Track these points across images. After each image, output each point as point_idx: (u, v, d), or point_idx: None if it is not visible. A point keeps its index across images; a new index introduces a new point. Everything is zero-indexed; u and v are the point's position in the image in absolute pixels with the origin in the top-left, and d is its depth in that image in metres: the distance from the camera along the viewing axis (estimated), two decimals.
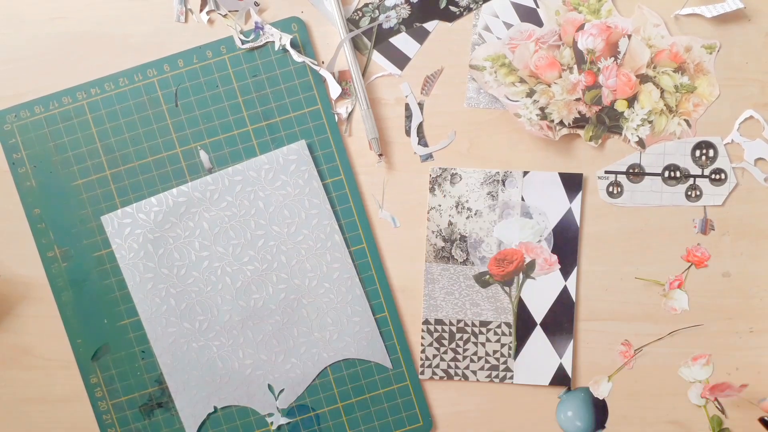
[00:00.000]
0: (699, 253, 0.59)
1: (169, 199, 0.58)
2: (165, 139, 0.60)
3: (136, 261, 0.58)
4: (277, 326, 0.59)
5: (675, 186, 0.59)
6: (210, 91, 0.60)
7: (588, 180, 0.60)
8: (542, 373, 0.59)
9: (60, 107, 0.60)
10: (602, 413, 0.59)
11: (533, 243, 0.59)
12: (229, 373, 0.59)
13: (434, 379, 0.60)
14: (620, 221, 0.60)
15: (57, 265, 0.59)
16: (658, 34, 0.59)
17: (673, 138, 0.59)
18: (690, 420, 0.59)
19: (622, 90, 0.59)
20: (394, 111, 0.60)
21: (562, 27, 0.59)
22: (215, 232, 0.59)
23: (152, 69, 0.60)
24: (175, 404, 0.59)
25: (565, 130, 0.59)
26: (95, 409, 0.59)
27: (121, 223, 0.58)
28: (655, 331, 0.59)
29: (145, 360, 0.59)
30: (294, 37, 0.60)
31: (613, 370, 0.60)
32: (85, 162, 0.59)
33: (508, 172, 0.59)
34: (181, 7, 0.60)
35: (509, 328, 0.59)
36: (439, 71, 0.60)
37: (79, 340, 0.59)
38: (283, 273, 0.59)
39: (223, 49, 0.60)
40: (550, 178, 0.59)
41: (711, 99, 0.59)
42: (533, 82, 0.59)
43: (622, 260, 0.59)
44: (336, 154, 0.60)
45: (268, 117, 0.60)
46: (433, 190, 0.60)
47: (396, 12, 0.60)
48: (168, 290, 0.59)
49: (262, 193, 0.59)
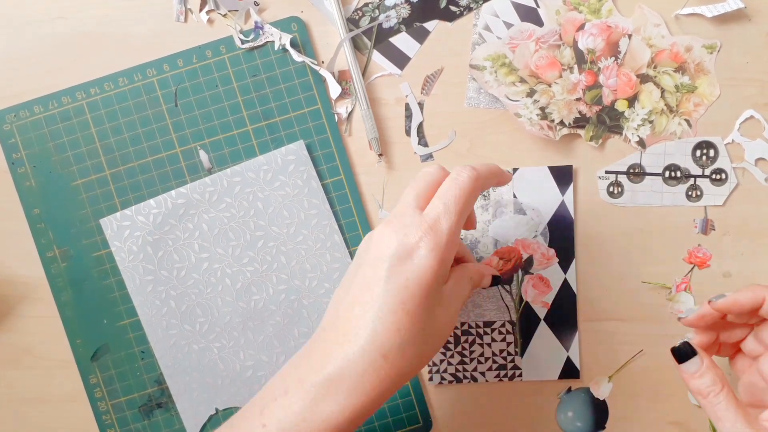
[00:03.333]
0: (701, 254, 0.59)
1: (168, 201, 0.58)
2: (164, 139, 0.59)
3: (135, 263, 0.58)
4: (277, 327, 0.59)
5: (675, 186, 0.59)
6: (209, 90, 0.60)
7: (579, 173, 0.60)
8: (550, 369, 0.59)
9: (59, 107, 0.59)
10: (602, 414, 0.59)
11: (529, 239, 0.59)
12: (230, 374, 0.59)
13: (443, 384, 0.59)
14: (621, 221, 0.59)
15: (56, 265, 0.59)
16: (658, 33, 0.59)
17: (674, 138, 0.59)
18: (690, 420, 0.59)
19: (623, 90, 0.59)
20: (394, 111, 0.60)
21: (563, 27, 0.59)
22: (215, 234, 0.59)
23: (152, 69, 0.59)
24: (175, 405, 0.59)
25: (565, 130, 0.59)
26: (95, 409, 0.59)
27: (120, 226, 0.58)
28: (656, 331, 0.59)
29: (145, 360, 0.59)
30: (294, 36, 0.60)
31: (613, 370, 0.60)
32: (84, 162, 0.59)
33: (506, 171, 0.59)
34: (181, 6, 0.60)
35: (513, 326, 0.59)
36: (439, 71, 0.60)
37: (78, 341, 0.59)
38: (283, 274, 0.59)
39: (222, 49, 0.60)
40: (540, 173, 0.59)
41: (711, 99, 0.59)
42: (533, 81, 0.59)
43: (622, 260, 0.59)
44: (336, 154, 0.60)
45: (268, 117, 0.60)
46: None
47: (396, 12, 0.60)
48: (168, 292, 0.58)
49: (261, 194, 0.59)
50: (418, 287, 0.43)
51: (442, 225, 0.44)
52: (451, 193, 0.45)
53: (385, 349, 0.42)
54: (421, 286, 0.43)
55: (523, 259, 0.60)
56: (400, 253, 0.43)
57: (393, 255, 0.43)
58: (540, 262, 0.59)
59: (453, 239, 0.45)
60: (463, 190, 0.46)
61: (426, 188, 0.47)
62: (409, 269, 0.43)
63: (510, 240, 0.59)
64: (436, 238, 0.44)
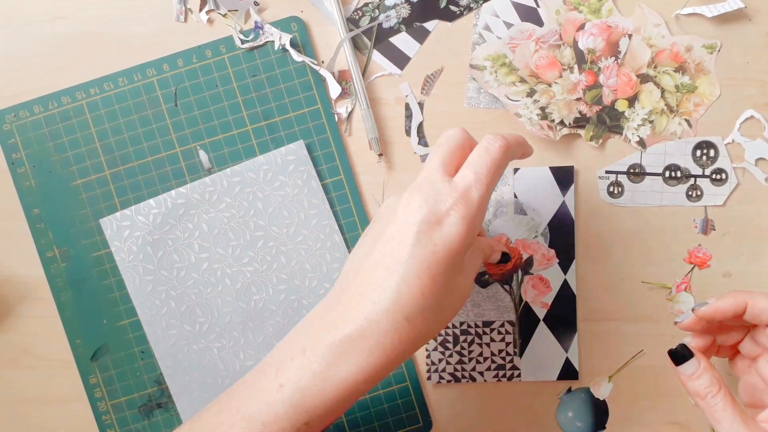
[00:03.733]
0: (701, 254, 0.59)
1: (168, 201, 0.58)
2: (164, 139, 0.59)
3: (135, 263, 0.58)
4: (278, 327, 0.59)
5: (676, 186, 0.59)
6: (209, 90, 0.59)
7: (580, 173, 0.60)
8: (549, 369, 0.59)
9: (59, 107, 0.59)
10: (603, 414, 0.59)
11: (529, 239, 0.59)
12: (230, 374, 0.59)
13: (442, 384, 0.59)
14: (621, 221, 0.59)
15: (56, 265, 0.59)
16: (658, 33, 0.59)
17: (674, 138, 0.59)
18: (690, 420, 0.59)
19: (623, 90, 0.59)
20: (394, 111, 0.60)
21: (563, 26, 0.59)
22: (214, 234, 0.59)
23: (151, 69, 0.59)
24: (175, 405, 0.59)
25: (565, 129, 0.59)
26: (94, 409, 0.59)
27: (120, 226, 0.58)
28: (657, 331, 0.59)
29: (145, 360, 0.59)
30: (294, 36, 0.60)
31: (613, 370, 0.60)
32: (84, 162, 0.59)
33: None
34: (181, 6, 0.60)
35: (513, 327, 0.59)
36: (439, 71, 0.60)
37: (78, 341, 0.59)
38: (283, 274, 0.59)
39: (222, 49, 0.59)
40: (541, 174, 0.59)
41: (712, 99, 0.59)
42: (534, 81, 0.59)
43: (622, 260, 0.59)
44: (336, 154, 0.60)
45: (268, 117, 0.60)
46: None
47: (396, 11, 0.60)
48: (168, 292, 0.58)
49: (260, 194, 0.59)
50: (444, 254, 0.43)
51: (473, 194, 0.44)
52: (482, 163, 0.45)
53: (408, 311, 0.42)
54: (448, 253, 0.43)
55: (524, 260, 0.60)
56: (430, 220, 0.43)
57: (423, 221, 0.43)
58: (540, 262, 0.59)
59: (482, 209, 0.45)
60: (494, 160, 0.46)
61: (451, 152, 0.47)
62: (437, 236, 0.43)
63: (510, 240, 0.59)
64: (467, 207, 0.44)
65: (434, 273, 0.43)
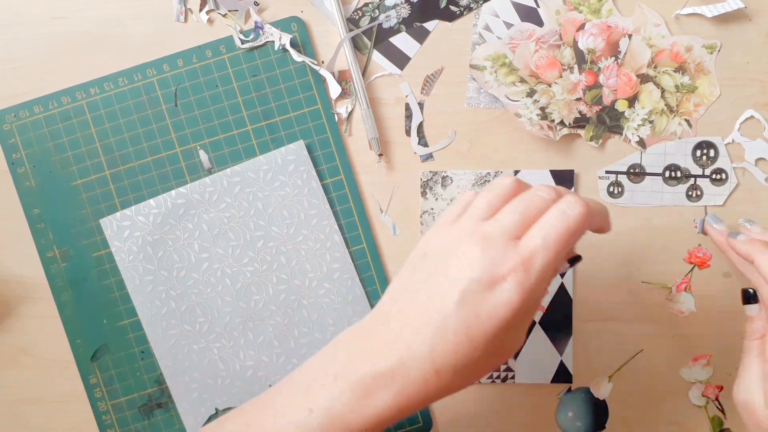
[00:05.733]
0: (701, 254, 0.59)
1: (168, 201, 0.58)
2: (164, 139, 0.59)
3: (135, 263, 0.58)
4: (277, 327, 0.59)
5: (676, 186, 0.59)
6: (209, 90, 0.59)
7: (580, 176, 0.60)
8: (544, 372, 0.59)
9: (59, 107, 0.59)
10: (602, 414, 0.59)
11: None
12: (230, 374, 0.59)
13: None
14: (621, 221, 0.59)
15: (56, 266, 0.59)
16: (658, 33, 0.59)
17: (674, 138, 0.59)
18: (690, 420, 0.59)
19: (623, 90, 0.59)
20: (394, 111, 0.60)
21: (563, 27, 0.59)
22: (214, 234, 0.59)
23: (151, 69, 0.59)
24: (175, 405, 0.59)
25: (565, 130, 0.59)
26: (95, 409, 0.59)
27: (120, 226, 0.58)
28: (656, 331, 0.59)
29: (145, 360, 0.59)
30: (294, 36, 0.60)
31: (613, 370, 0.60)
32: (84, 162, 0.59)
33: (499, 172, 0.59)
34: (181, 6, 0.60)
35: None
36: (439, 71, 0.60)
37: (78, 341, 0.59)
38: (283, 274, 0.59)
39: (222, 49, 0.59)
40: (541, 176, 0.59)
41: (712, 99, 0.59)
42: (534, 81, 0.59)
43: (622, 260, 0.59)
44: (336, 154, 0.60)
45: (268, 117, 0.60)
46: (425, 193, 0.59)
47: (396, 11, 0.60)
48: (168, 292, 0.58)
49: (260, 194, 0.59)
50: (489, 320, 0.39)
51: (536, 262, 0.40)
52: (554, 228, 0.40)
53: (439, 365, 0.40)
54: (494, 320, 0.39)
55: None
56: (483, 280, 0.39)
57: (474, 279, 0.40)
58: None
59: (544, 280, 0.40)
60: (568, 227, 0.41)
61: (498, 199, 0.43)
62: (486, 300, 0.40)
63: None
64: (526, 274, 0.39)
65: (474, 336, 0.40)
